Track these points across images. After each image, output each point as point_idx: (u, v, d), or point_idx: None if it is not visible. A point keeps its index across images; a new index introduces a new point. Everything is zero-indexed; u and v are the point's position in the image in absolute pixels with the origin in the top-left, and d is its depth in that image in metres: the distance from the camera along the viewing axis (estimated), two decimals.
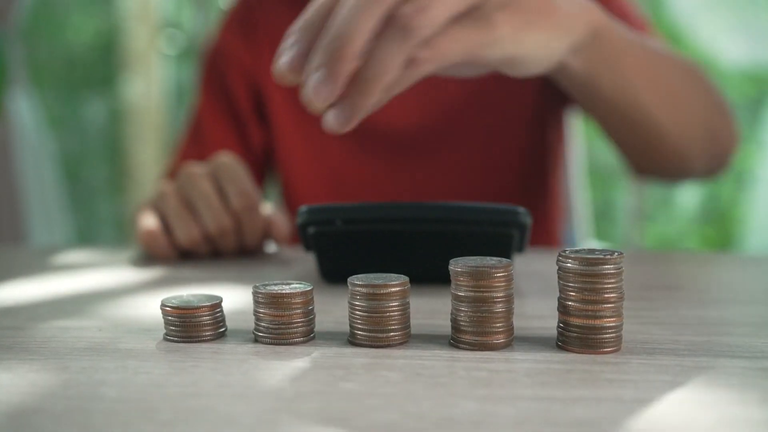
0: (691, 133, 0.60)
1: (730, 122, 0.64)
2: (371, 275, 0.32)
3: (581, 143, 0.93)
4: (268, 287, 0.32)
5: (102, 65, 2.33)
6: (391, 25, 0.34)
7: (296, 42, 0.35)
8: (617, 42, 0.48)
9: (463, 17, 0.35)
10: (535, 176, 0.76)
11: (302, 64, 0.35)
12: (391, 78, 0.34)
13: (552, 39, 0.41)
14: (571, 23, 0.42)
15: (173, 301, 0.33)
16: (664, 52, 0.57)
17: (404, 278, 0.31)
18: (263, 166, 0.80)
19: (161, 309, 0.33)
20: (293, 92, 0.76)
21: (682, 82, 0.59)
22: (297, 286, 0.32)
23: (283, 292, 0.31)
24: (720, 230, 2.22)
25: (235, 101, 0.78)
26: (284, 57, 0.35)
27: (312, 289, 0.32)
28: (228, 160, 0.55)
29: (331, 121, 0.35)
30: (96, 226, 2.40)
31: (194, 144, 0.78)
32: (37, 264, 0.55)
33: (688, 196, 2.24)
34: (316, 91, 0.33)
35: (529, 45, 0.39)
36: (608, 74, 0.49)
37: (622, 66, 0.50)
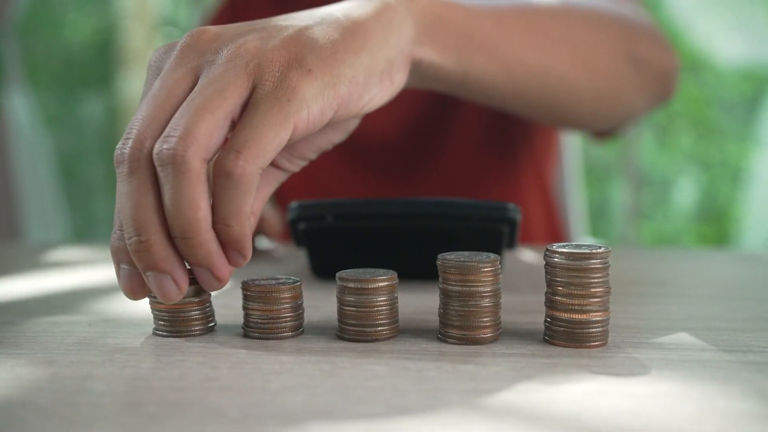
0: (613, 72, 0.55)
1: (657, 40, 0.59)
2: (359, 270, 0.32)
3: (576, 140, 0.93)
4: (257, 282, 0.32)
5: (99, 63, 2.33)
6: (162, 184, 0.28)
7: (119, 264, 0.30)
8: (474, 18, 0.42)
9: (249, 105, 0.29)
10: (525, 171, 0.76)
11: (140, 282, 0.30)
12: (204, 214, 0.28)
13: (375, 49, 0.33)
14: (385, 22, 0.35)
15: None
16: (545, 3, 0.50)
17: (392, 273, 0.32)
18: None
19: (150, 304, 0.33)
20: None
21: (581, 26, 0.53)
22: (286, 281, 0.32)
23: (272, 286, 0.32)
24: (717, 228, 2.23)
25: None
26: (123, 285, 0.30)
27: (300, 284, 0.32)
28: None
29: (209, 284, 0.30)
30: (93, 224, 2.40)
31: None
32: (31, 260, 0.55)
33: (685, 194, 2.25)
34: (166, 291, 0.29)
35: (350, 72, 0.32)
36: (484, 59, 0.42)
37: (497, 43, 0.44)
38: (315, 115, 0.31)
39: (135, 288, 0.30)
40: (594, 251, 0.29)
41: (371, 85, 0.34)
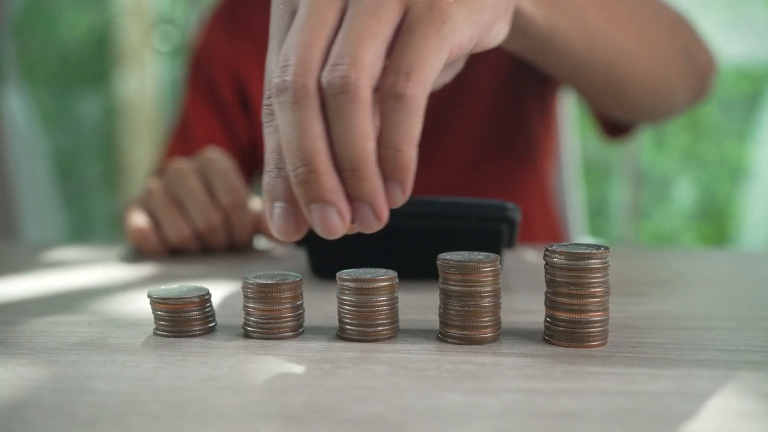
0: (669, 60, 0.57)
1: (702, 40, 0.62)
2: (360, 270, 0.32)
3: (575, 139, 0.93)
4: (257, 278, 0.32)
5: (95, 61, 2.33)
6: (332, 113, 0.28)
7: (273, 202, 0.29)
8: None
9: (405, 29, 0.29)
10: (524, 170, 0.76)
11: (297, 221, 0.29)
12: (374, 145, 0.28)
13: None
14: None
15: (160, 291, 0.33)
16: None
17: (392, 273, 0.32)
18: (251, 160, 0.80)
19: (150, 304, 0.33)
20: None
21: (646, 9, 0.56)
22: (287, 277, 0.32)
23: (272, 285, 0.31)
24: (716, 227, 2.23)
25: (220, 97, 0.78)
26: (278, 224, 0.29)
27: (301, 281, 0.32)
28: (215, 156, 0.55)
29: (372, 221, 0.29)
30: (89, 222, 2.40)
31: (182, 140, 0.78)
32: (29, 260, 0.55)
33: (684, 192, 2.25)
34: (331, 223, 0.28)
35: (488, 3, 0.32)
36: (568, 20, 0.45)
37: (579, 7, 0.46)
38: (465, 39, 0.30)
39: (290, 226, 0.29)
40: (593, 251, 0.29)
41: (500, 17, 0.34)
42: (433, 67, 0.28)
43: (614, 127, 0.70)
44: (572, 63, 0.49)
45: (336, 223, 0.28)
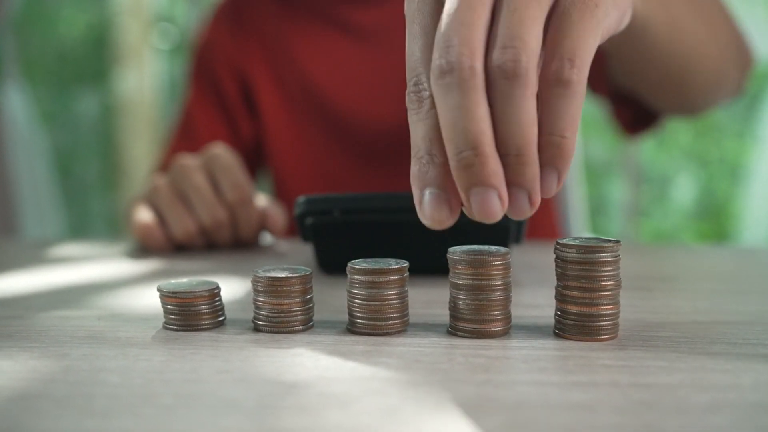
0: (728, 50, 0.58)
1: (743, 31, 0.63)
2: (370, 260, 0.32)
3: (577, 138, 0.93)
4: (267, 272, 0.32)
5: (94, 60, 2.32)
6: (499, 97, 0.27)
7: (424, 189, 0.28)
8: None
9: (560, 14, 0.28)
10: None
11: (449, 207, 0.28)
12: (536, 130, 0.27)
13: None
14: None
15: (170, 285, 0.33)
16: None
17: (403, 263, 0.31)
18: (254, 156, 0.80)
19: (160, 298, 0.33)
20: (280, 86, 0.77)
21: (714, 1, 0.57)
22: (296, 270, 0.32)
23: (283, 277, 0.31)
24: (715, 225, 2.23)
25: (224, 93, 0.78)
26: (430, 211, 0.28)
27: (311, 274, 0.32)
28: (221, 152, 0.55)
29: (525, 206, 0.28)
30: (88, 221, 2.39)
31: (185, 137, 0.78)
32: (32, 256, 0.54)
33: (683, 191, 2.25)
34: (492, 207, 0.27)
35: None
36: (658, 9, 0.46)
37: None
38: (613, 23, 0.30)
39: (443, 212, 0.28)
40: (605, 245, 0.29)
41: (628, 4, 0.33)
42: (591, 52, 0.28)
43: (635, 123, 0.70)
44: (653, 53, 0.49)
45: (496, 208, 0.27)
